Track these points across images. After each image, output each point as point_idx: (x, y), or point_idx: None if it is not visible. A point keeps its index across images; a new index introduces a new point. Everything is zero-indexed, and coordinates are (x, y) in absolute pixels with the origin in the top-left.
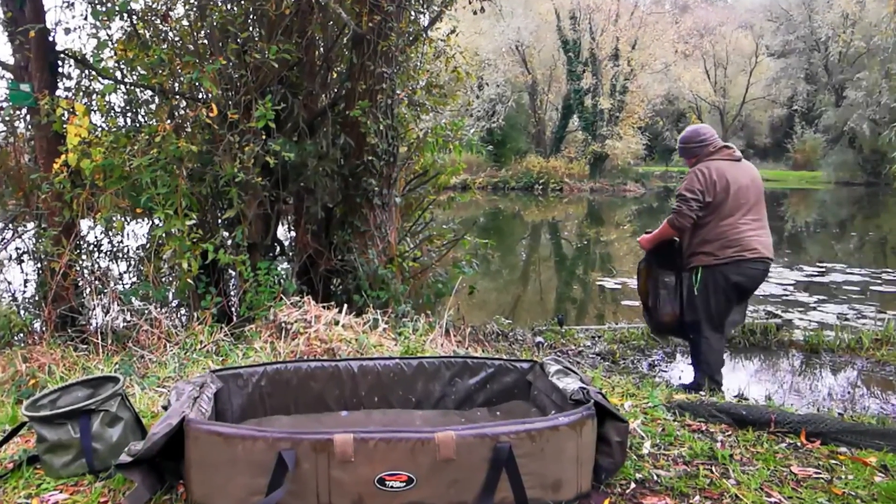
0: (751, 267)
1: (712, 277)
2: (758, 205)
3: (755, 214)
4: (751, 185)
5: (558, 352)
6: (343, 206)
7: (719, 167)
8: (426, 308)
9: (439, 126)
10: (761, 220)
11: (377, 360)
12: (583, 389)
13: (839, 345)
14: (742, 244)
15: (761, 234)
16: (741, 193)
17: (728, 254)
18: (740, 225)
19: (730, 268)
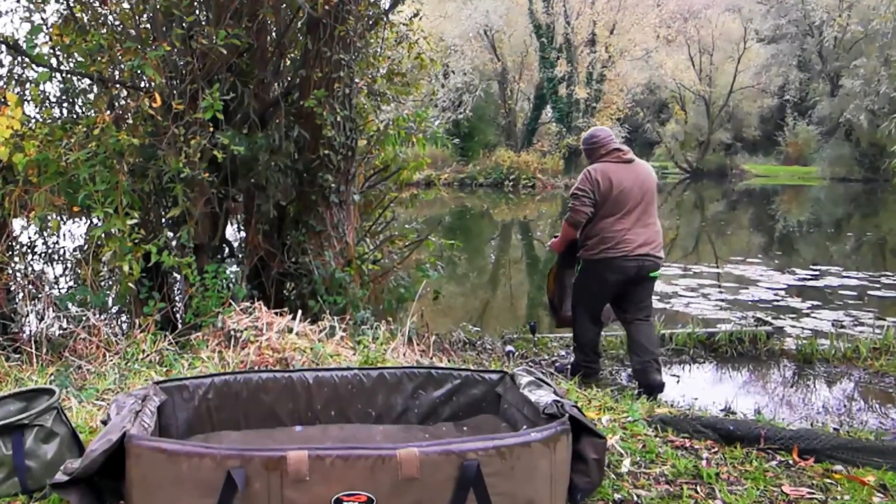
0: (624, 264)
1: (589, 271)
2: (642, 205)
3: (637, 215)
4: (635, 185)
5: (530, 362)
6: (297, 205)
7: (606, 169)
8: (387, 314)
9: (401, 117)
10: (644, 220)
11: (334, 371)
12: (557, 403)
13: (834, 354)
14: (613, 243)
15: (641, 234)
16: (623, 196)
17: (603, 250)
18: (618, 224)
19: (604, 264)
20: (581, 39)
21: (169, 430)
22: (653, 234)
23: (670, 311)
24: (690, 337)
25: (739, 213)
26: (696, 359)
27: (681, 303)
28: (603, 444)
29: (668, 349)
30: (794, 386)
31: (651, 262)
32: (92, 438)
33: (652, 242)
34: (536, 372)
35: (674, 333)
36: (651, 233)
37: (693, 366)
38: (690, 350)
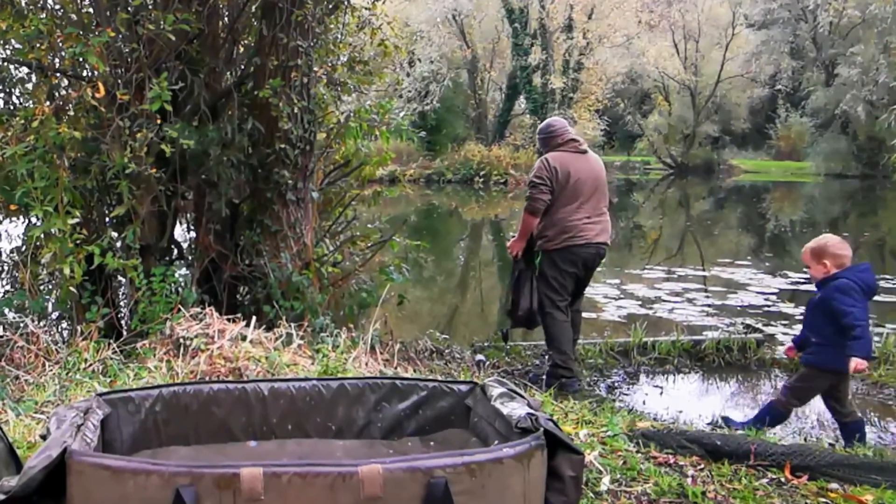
0: (585, 252)
1: (550, 260)
2: (596, 195)
3: (593, 204)
4: (589, 176)
5: (502, 372)
6: (251, 203)
7: (562, 158)
8: (348, 321)
9: (363, 109)
10: (599, 209)
11: (291, 382)
12: (531, 416)
13: None
14: (575, 231)
15: (596, 223)
16: (579, 185)
17: (562, 239)
18: (577, 213)
19: (564, 252)
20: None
21: (113, 446)
22: (606, 224)
23: (653, 318)
24: (675, 345)
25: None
26: (681, 369)
27: (664, 308)
28: (580, 461)
29: (650, 358)
30: None
31: (604, 249)
32: (30, 454)
33: (605, 233)
34: (509, 383)
35: (657, 341)
36: (605, 221)
37: (677, 376)
38: (675, 359)
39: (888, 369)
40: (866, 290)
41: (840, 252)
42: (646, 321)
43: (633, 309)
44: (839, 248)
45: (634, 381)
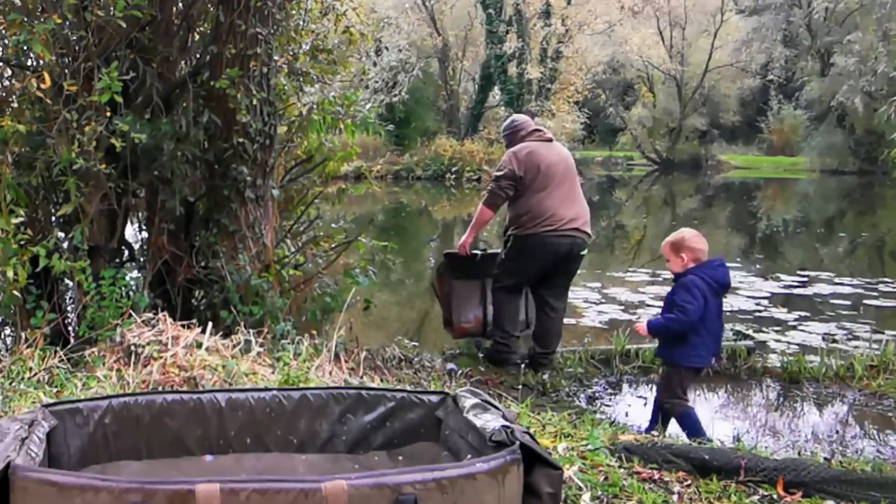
0: (557, 241)
1: (520, 247)
2: (568, 181)
3: (566, 189)
4: (559, 162)
5: (475, 381)
6: (207, 201)
7: (529, 146)
8: (311, 327)
9: (327, 100)
10: (572, 196)
11: (250, 392)
12: (506, 429)
13: (825, 373)
14: (548, 217)
15: (570, 207)
16: (550, 170)
17: (536, 224)
18: (548, 200)
19: (537, 240)
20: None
21: (60, 460)
22: (582, 210)
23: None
24: None
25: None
26: None
27: (649, 314)
28: (559, 476)
29: (634, 367)
30: (778, 409)
31: (581, 239)
32: None
33: (581, 218)
34: (482, 393)
35: (641, 349)
36: (579, 208)
37: None
38: (659, 368)
39: (888, 378)
40: (717, 286)
41: (696, 246)
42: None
43: (616, 314)
44: (696, 242)
45: (617, 392)
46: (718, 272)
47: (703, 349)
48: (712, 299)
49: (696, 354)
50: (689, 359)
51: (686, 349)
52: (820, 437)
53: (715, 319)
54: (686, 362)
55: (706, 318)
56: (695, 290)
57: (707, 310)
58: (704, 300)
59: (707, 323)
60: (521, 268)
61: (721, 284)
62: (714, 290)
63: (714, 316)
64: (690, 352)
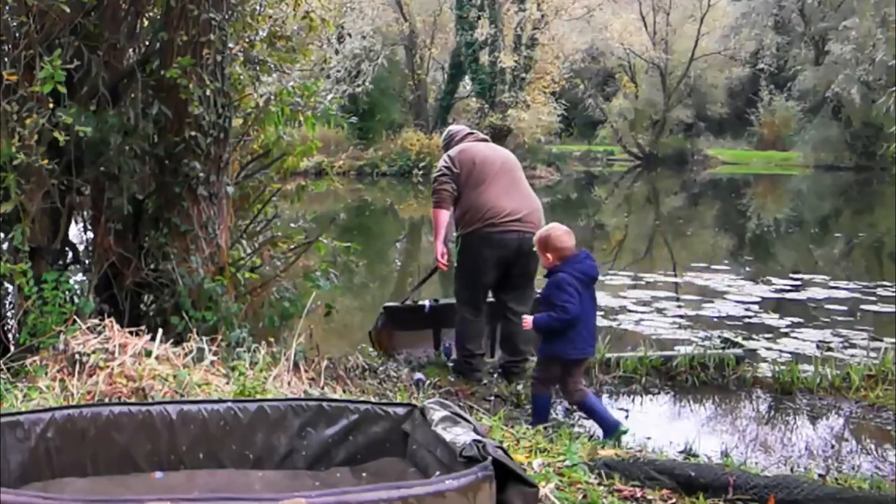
0: (503, 238)
1: (467, 250)
2: (507, 175)
3: (505, 185)
4: (495, 157)
5: (445, 392)
6: (157, 198)
7: (462, 147)
8: (268, 334)
9: (286, 91)
10: (513, 190)
11: (203, 404)
12: (477, 443)
13: (820, 383)
14: (486, 211)
15: (511, 202)
16: (486, 165)
17: (477, 220)
18: (485, 194)
19: (481, 238)
20: None
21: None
22: (526, 203)
23: (617, 331)
24: (642, 362)
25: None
26: (650, 389)
27: (630, 320)
28: (534, 494)
29: (614, 377)
30: (769, 422)
31: (529, 233)
32: None
33: (523, 210)
34: (452, 405)
35: (621, 357)
36: (524, 202)
37: (645, 397)
38: (642, 378)
39: (886, 389)
40: (585, 279)
41: (560, 245)
42: (609, 334)
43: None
44: (561, 240)
45: None
46: (585, 265)
47: (580, 342)
48: (583, 291)
49: (572, 347)
50: (567, 352)
51: (564, 343)
52: (814, 453)
53: (588, 311)
54: (565, 355)
55: (580, 311)
56: (568, 287)
57: (580, 303)
58: (578, 294)
59: (581, 315)
60: (473, 272)
61: (589, 276)
62: (584, 283)
63: (587, 307)
64: (568, 345)
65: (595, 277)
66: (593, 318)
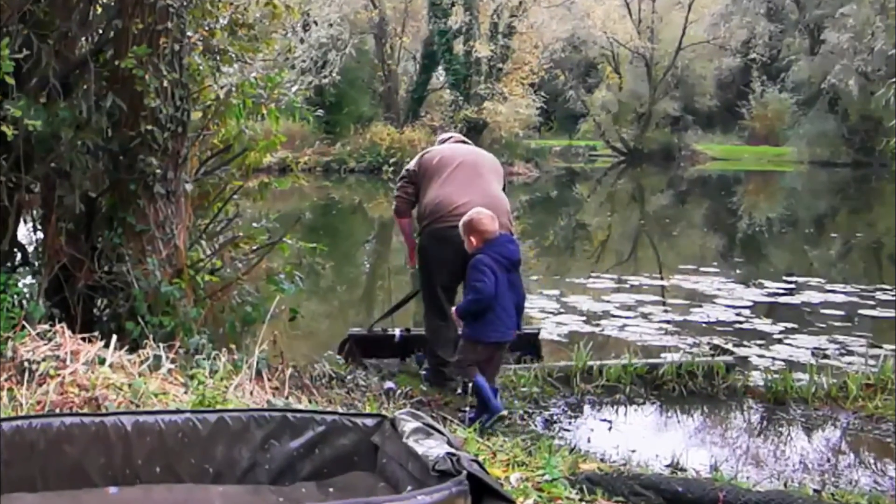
0: (452, 231)
1: (424, 249)
2: (465, 170)
3: (462, 177)
4: (458, 154)
5: (417, 402)
6: (111, 196)
7: (434, 147)
8: (229, 341)
9: (248, 82)
10: (471, 186)
11: (159, 415)
12: (451, 456)
13: (815, 393)
14: (438, 203)
15: (465, 195)
16: (443, 161)
17: (429, 215)
18: (440, 188)
19: (433, 235)
20: None
21: None
22: (485, 198)
23: (600, 337)
24: (626, 370)
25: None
26: (634, 399)
27: (613, 325)
28: None
29: (597, 386)
30: (762, 434)
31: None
32: None
33: (478, 201)
34: (425, 416)
35: (604, 365)
36: (479, 198)
37: (630, 408)
38: (626, 387)
39: (886, 399)
40: (506, 263)
41: (482, 228)
42: (591, 341)
43: (576, 326)
44: (482, 223)
45: (577, 414)
46: (506, 248)
47: (498, 324)
48: (501, 275)
49: (492, 330)
50: (486, 334)
51: (482, 325)
52: (809, 466)
53: (506, 294)
54: (484, 338)
55: (497, 293)
56: (484, 268)
57: (497, 285)
58: (495, 276)
59: (499, 298)
60: (428, 271)
61: (509, 260)
62: (503, 266)
63: (504, 290)
64: (487, 327)
65: (516, 261)
66: (514, 301)
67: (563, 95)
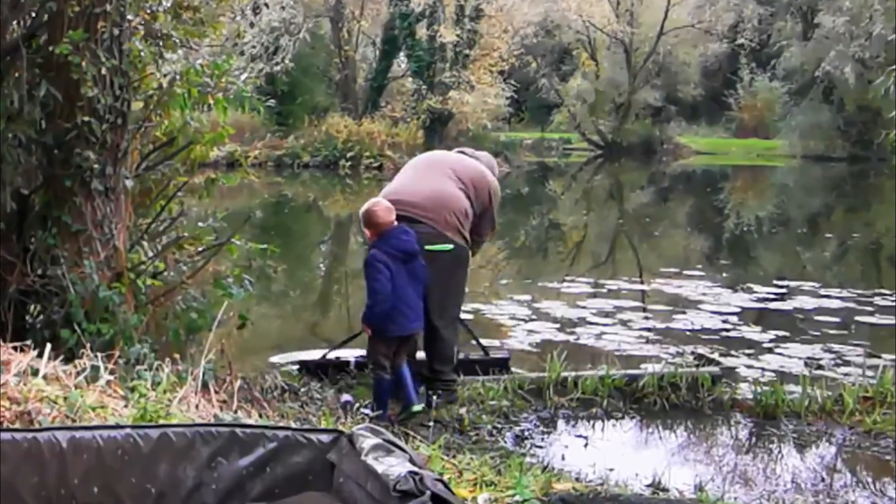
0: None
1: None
2: (423, 168)
3: (417, 175)
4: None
5: (377, 417)
6: (45, 194)
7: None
8: (173, 350)
9: (193, 70)
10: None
11: (97, 431)
12: (414, 476)
13: (809, 406)
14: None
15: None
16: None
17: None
18: (392, 184)
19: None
20: None
21: None
22: (428, 193)
23: (575, 346)
24: (604, 382)
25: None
26: (612, 413)
27: (590, 333)
28: None
29: (572, 399)
30: (750, 451)
31: (427, 227)
32: None
33: (419, 195)
34: (385, 431)
35: (580, 377)
36: (426, 192)
37: (608, 422)
38: (604, 400)
39: (885, 413)
40: (399, 255)
41: (376, 220)
42: (566, 350)
43: (549, 334)
44: (377, 215)
45: (550, 430)
46: (399, 240)
47: (400, 319)
48: (398, 267)
49: (392, 324)
50: (388, 329)
51: (385, 320)
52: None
53: (405, 287)
54: (387, 333)
55: (396, 287)
56: (378, 264)
57: (394, 279)
58: (390, 271)
59: (398, 292)
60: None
61: (403, 251)
62: (398, 259)
63: (404, 283)
64: (388, 323)
65: (411, 252)
66: (418, 292)
67: (534, 84)
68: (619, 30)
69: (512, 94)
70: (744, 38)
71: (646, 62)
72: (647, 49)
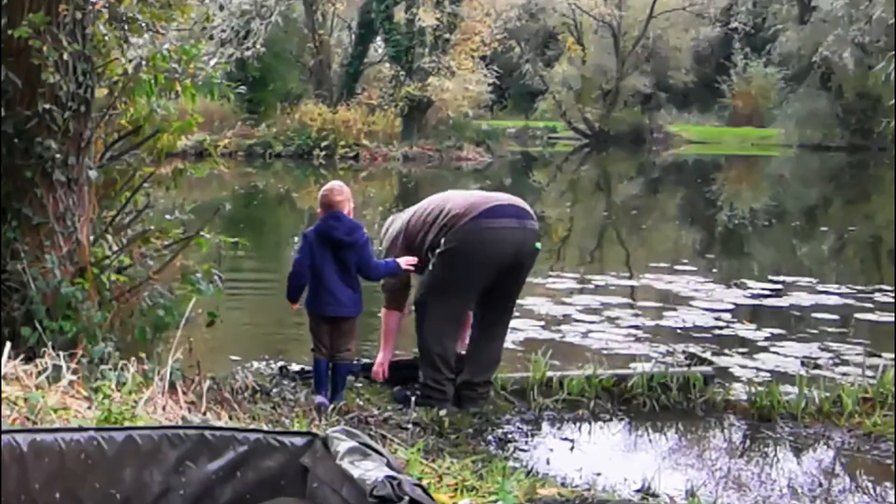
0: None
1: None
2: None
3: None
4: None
5: (353, 419)
6: (5, 185)
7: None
8: (139, 349)
9: (160, 55)
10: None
11: (59, 434)
12: (391, 480)
13: (805, 408)
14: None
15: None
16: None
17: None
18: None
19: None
20: None
21: None
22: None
23: (561, 345)
24: (591, 382)
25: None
26: (600, 415)
27: (576, 331)
28: None
29: (557, 400)
30: (744, 455)
31: (536, 224)
32: None
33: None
34: (362, 434)
35: (565, 377)
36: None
37: (595, 425)
38: (591, 402)
39: (885, 415)
40: (322, 239)
41: (325, 201)
42: (550, 349)
43: (534, 332)
44: (324, 198)
45: (535, 432)
46: (325, 225)
47: (322, 299)
48: (323, 252)
49: (316, 302)
50: (313, 305)
51: (311, 296)
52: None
53: (331, 273)
54: (314, 310)
55: (315, 267)
56: (303, 242)
57: (314, 260)
58: (311, 251)
59: (319, 274)
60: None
61: (326, 236)
62: (324, 244)
63: (330, 270)
64: (314, 299)
65: (334, 239)
66: (348, 283)
67: (518, 70)
68: (607, 13)
69: (494, 80)
70: (737, 22)
71: (634, 47)
72: (636, 33)
